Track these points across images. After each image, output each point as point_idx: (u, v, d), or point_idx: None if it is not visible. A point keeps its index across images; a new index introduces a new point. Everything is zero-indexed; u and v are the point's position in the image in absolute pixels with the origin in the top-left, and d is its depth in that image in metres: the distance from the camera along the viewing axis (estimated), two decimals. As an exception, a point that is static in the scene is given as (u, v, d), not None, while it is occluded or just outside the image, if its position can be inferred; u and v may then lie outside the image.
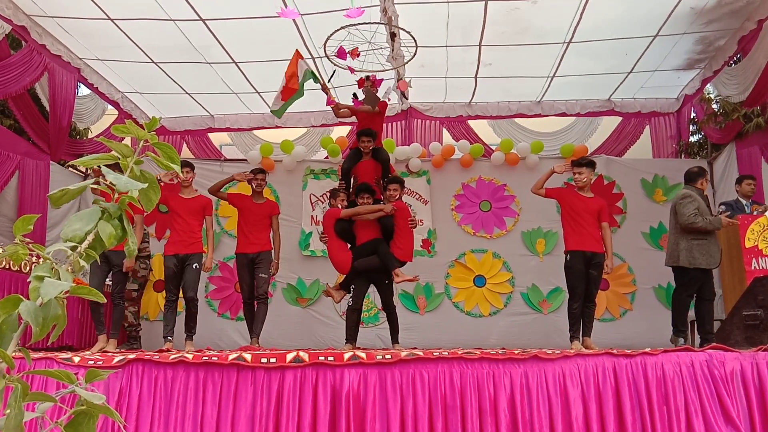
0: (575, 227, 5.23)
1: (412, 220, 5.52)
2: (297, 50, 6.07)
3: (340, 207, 5.57)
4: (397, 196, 5.50)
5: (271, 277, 5.90)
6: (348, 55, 5.65)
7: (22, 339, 0.90)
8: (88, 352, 4.75)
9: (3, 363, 0.83)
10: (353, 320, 5.34)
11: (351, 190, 5.88)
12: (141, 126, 1.09)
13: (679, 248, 5.21)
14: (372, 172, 5.90)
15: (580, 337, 5.21)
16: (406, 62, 6.32)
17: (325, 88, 6.18)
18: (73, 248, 0.94)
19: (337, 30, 5.57)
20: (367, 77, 6.04)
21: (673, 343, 4.95)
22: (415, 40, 5.78)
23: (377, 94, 6.06)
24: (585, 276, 5.15)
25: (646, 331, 7.20)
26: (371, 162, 5.91)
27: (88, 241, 0.95)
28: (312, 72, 6.14)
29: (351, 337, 5.28)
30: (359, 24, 5.53)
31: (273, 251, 5.92)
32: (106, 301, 0.88)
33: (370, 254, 5.33)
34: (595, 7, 5.99)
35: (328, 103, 6.22)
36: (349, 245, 5.57)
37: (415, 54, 5.98)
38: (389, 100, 6.39)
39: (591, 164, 5.36)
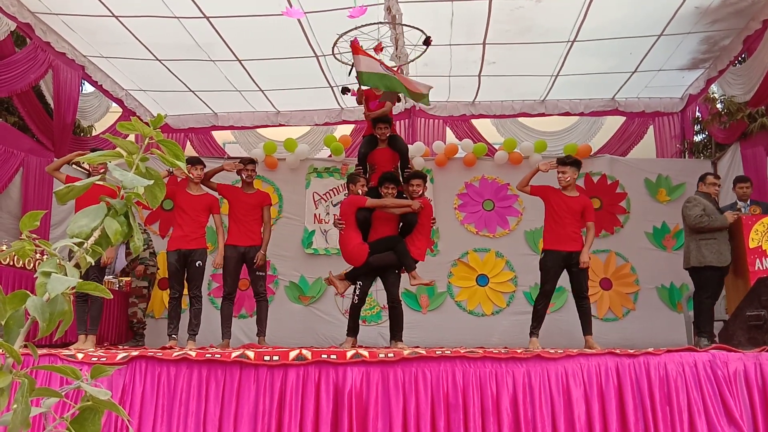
0: (554, 226, 5.22)
1: (434, 219, 5.34)
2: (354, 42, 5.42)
3: (360, 193, 5.26)
4: (420, 192, 5.23)
5: (257, 269, 5.70)
6: (367, 49, 5.55)
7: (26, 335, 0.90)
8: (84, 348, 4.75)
9: (10, 358, 0.83)
10: (356, 316, 5.22)
11: (368, 177, 5.65)
12: (146, 123, 1.10)
13: (690, 250, 5.30)
14: (390, 161, 5.64)
15: (538, 333, 5.23)
16: (416, 58, 6.25)
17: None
18: (80, 244, 0.95)
19: (347, 31, 5.55)
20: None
21: (696, 345, 4.91)
22: (429, 38, 5.67)
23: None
24: (558, 276, 5.17)
25: (649, 331, 7.20)
26: (388, 150, 5.64)
27: (94, 238, 0.95)
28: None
29: (352, 331, 5.16)
30: (369, 24, 5.51)
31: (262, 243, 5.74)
32: (111, 296, 0.88)
33: (386, 251, 5.07)
34: (600, 5, 5.97)
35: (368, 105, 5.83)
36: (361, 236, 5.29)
37: (427, 38, 5.81)
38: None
39: (576, 163, 5.33)
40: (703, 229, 5.20)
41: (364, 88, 5.72)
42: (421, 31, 5.72)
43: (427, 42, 5.73)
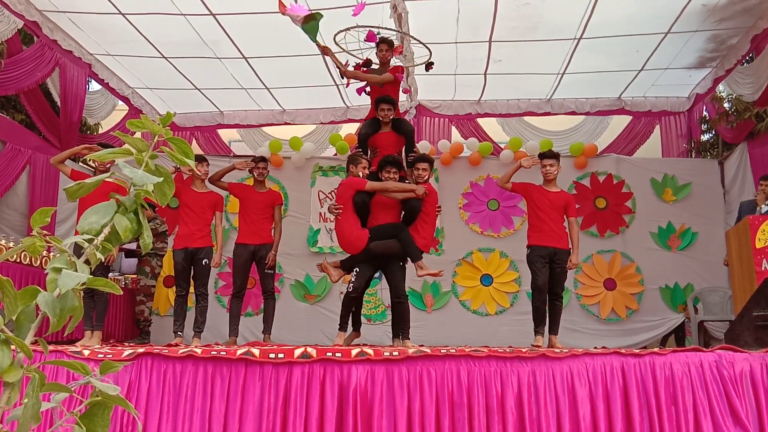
0: (538, 223, 5.11)
1: (439, 207, 5.05)
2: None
3: (361, 176, 4.84)
4: (426, 177, 4.86)
5: (267, 267, 5.68)
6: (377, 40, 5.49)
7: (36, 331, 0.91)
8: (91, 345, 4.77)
9: (21, 353, 0.84)
10: (350, 308, 4.85)
11: (369, 161, 5.25)
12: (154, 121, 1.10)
13: None
14: (394, 145, 5.29)
15: (545, 333, 5.05)
16: (417, 64, 6.29)
17: (326, 51, 5.49)
18: (89, 241, 0.95)
19: (349, 28, 5.54)
20: (384, 40, 5.48)
21: None
22: (430, 51, 5.72)
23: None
24: (546, 270, 5.02)
25: (651, 331, 7.18)
26: (392, 134, 5.30)
27: (104, 234, 0.96)
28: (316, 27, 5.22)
29: (345, 325, 4.84)
30: (372, 26, 5.52)
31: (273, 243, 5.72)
32: (121, 292, 0.90)
33: (389, 239, 4.71)
34: (606, 2, 5.96)
35: (343, 73, 5.55)
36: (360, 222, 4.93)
37: (429, 63, 5.81)
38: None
39: (558, 157, 5.26)
40: None
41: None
42: (428, 49, 5.70)
43: (429, 67, 5.72)
